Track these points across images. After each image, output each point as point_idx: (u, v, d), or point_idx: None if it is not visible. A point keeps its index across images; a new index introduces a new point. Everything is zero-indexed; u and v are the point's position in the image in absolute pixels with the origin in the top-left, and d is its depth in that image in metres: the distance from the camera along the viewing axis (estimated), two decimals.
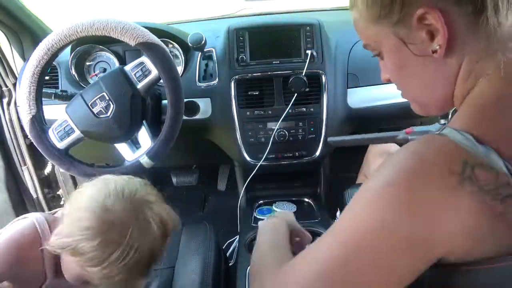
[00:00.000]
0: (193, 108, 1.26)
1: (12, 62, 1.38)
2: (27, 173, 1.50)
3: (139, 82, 1.05)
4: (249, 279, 1.02)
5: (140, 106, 1.06)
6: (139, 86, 1.05)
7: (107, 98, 1.04)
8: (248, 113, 1.26)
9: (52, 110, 1.20)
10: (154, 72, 1.04)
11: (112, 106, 1.04)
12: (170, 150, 1.08)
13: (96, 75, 1.34)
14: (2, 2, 1.20)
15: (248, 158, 1.29)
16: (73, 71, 1.33)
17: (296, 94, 1.23)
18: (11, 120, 1.41)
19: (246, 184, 1.34)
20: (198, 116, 1.27)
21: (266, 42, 1.27)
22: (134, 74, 1.05)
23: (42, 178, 1.54)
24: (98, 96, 1.04)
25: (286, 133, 1.26)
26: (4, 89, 1.39)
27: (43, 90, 1.08)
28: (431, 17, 0.46)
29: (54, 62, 1.18)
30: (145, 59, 1.05)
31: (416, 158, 0.45)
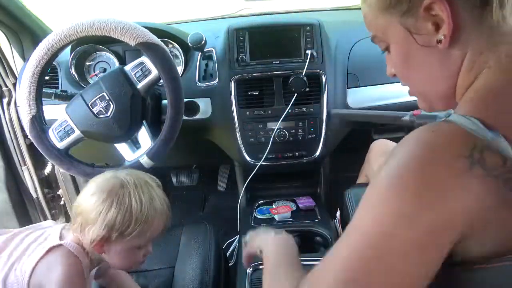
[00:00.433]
0: (193, 108, 1.26)
1: (12, 62, 1.39)
2: (27, 173, 1.50)
3: (139, 82, 1.05)
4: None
5: (140, 106, 1.07)
6: (139, 86, 1.05)
7: (107, 98, 1.04)
8: (248, 113, 1.26)
9: (52, 110, 1.20)
10: (154, 72, 1.04)
11: (112, 106, 1.04)
12: (170, 150, 1.08)
13: (96, 75, 1.34)
14: (2, 2, 1.20)
15: (248, 158, 1.29)
16: (73, 71, 1.33)
17: (296, 94, 1.23)
18: (11, 120, 1.41)
19: (246, 184, 1.34)
20: (198, 116, 1.27)
21: (266, 42, 1.27)
22: (134, 74, 1.05)
23: (42, 178, 1.54)
24: (98, 96, 1.04)
25: (286, 133, 1.26)
26: (4, 89, 1.39)
27: (43, 90, 1.09)
28: (438, 7, 0.47)
29: (54, 62, 1.18)
30: (145, 59, 1.05)
31: (425, 146, 0.44)
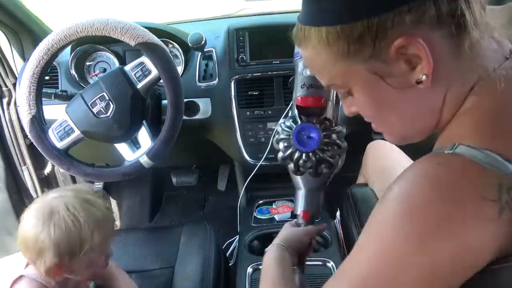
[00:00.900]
0: (193, 108, 1.26)
1: (12, 62, 1.38)
2: (27, 173, 1.50)
3: (139, 82, 1.05)
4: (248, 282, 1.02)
5: (140, 106, 1.06)
6: (139, 86, 1.05)
7: (107, 98, 1.04)
8: (248, 113, 1.26)
9: (52, 110, 1.20)
10: (154, 72, 1.04)
11: (112, 106, 1.04)
12: (170, 150, 1.07)
13: (96, 75, 1.34)
14: (2, 2, 1.20)
15: (248, 158, 1.28)
16: (73, 71, 1.33)
17: None
18: (11, 120, 1.41)
19: (246, 184, 1.34)
20: (198, 116, 1.27)
21: (266, 42, 1.27)
22: (134, 74, 1.05)
23: (42, 178, 1.54)
24: (98, 96, 1.04)
25: None
26: (4, 89, 1.39)
27: (43, 90, 1.08)
28: (412, 46, 0.41)
29: (54, 62, 1.19)
30: (145, 59, 1.05)
31: (439, 186, 0.39)
